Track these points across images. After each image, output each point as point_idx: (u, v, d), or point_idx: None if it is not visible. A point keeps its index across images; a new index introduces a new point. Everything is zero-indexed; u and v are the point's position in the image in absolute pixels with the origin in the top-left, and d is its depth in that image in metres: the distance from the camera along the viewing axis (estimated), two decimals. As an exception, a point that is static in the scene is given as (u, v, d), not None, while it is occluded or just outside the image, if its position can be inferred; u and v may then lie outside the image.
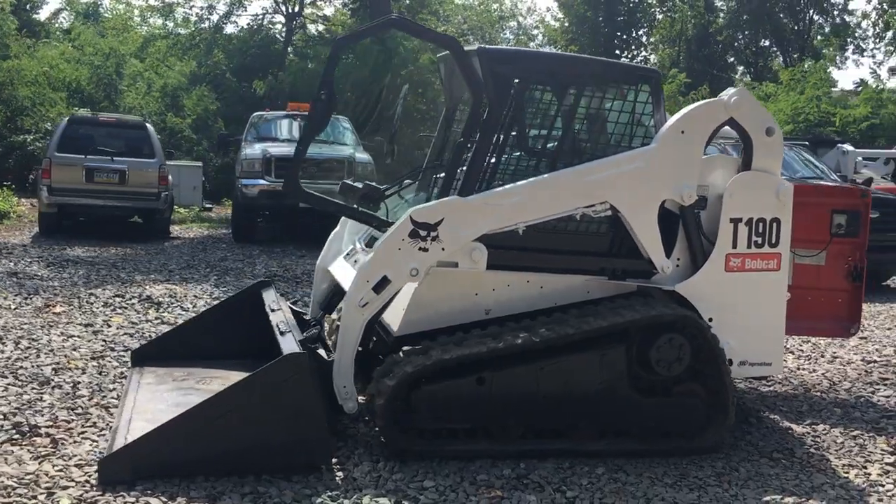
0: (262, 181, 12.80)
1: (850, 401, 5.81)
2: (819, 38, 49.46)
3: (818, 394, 5.96)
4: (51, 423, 4.60)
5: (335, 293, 5.50)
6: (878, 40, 43.46)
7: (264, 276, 9.82)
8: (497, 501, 3.96)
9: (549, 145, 4.91)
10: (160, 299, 8.06)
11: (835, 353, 7.11)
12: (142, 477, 3.86)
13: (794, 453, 4.76)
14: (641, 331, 4.57)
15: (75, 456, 4.19)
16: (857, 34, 49.30)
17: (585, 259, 4.83)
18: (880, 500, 4.19)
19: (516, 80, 4.70)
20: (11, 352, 5.92)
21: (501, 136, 4.68)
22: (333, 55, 4.73)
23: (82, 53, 26.48)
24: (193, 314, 7.29)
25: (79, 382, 5.35)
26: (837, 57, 48.89)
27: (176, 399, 4.94)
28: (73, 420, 4.69)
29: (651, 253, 4.78)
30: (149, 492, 3.78)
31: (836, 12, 49.31)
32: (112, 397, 5.12)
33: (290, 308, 5.53)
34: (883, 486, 4.36)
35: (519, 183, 4.61)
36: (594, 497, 4.04)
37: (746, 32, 48.41)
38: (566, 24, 39.00)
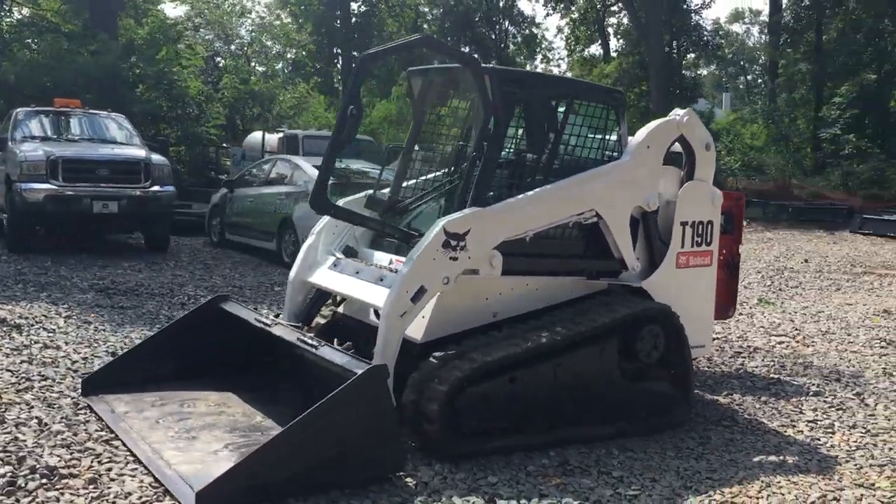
0: (47, 185, 11.65)
1: (740, 372, 6.87)
2: (512, 46, 53.98)
3: (712, 368, 6.96)
4: (66, 464, 4.17)
5: (315, 304, 5.48)
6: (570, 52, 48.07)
7: (100, 287, 9.17)
8: (562, 487, 4.33)
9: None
10: (16, 321, 7.24)
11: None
12: (238, 506, 3.73)
13: (737, 421, 5.63)
14: (629, 324, 5.16)
15: (131, 494, 3.90)
16: (543, 45, 54.53)
17: (570, 262, 5.33)
18: (828, 448, 5.15)
19: (521, 98, 5.06)
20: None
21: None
22: (360, 70, 4.75)
23: None
24: (68, 334, 6.77)
25: (39, 419, 4.82)
26: (528, 65, 53.64)
27: (179, 425, 4.74)
28: (82, 458, 4.29)
29: (625, 254, 5.39)
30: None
31: (525, 24, 54.07)
32: (96, 430, 4.70)
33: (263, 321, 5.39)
34: (818, 438, 5.35)
35: (528, 193, 4.99)
36: (633, 475, 4.55)
37: (450, 38, 51.52)
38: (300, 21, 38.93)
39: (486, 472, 4.44)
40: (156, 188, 12.13)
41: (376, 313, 5.05)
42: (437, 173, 5.63)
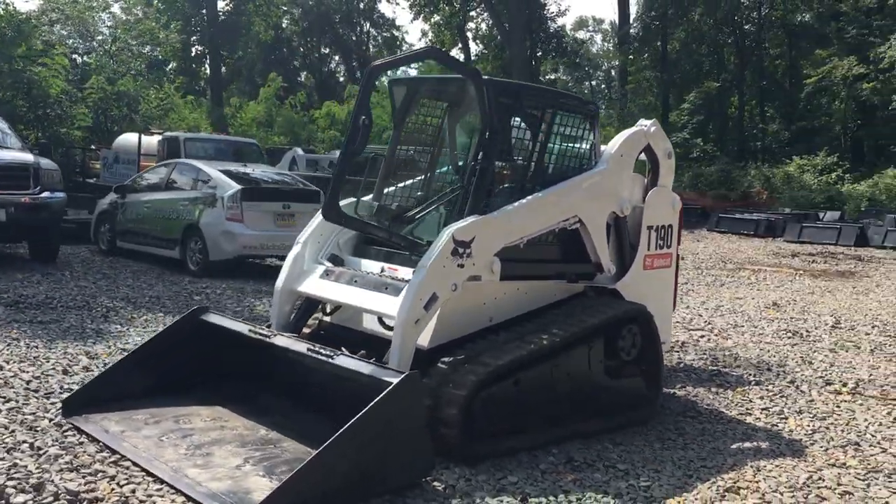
0: None
1: (681, 366, 7.31)
2: (373, 48, 54.13)
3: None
4: (86, 489, 3.99)
5: (304, 314, 5.44)
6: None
7: (7, 302, 8.64)
8: (578, 482, 4.53)
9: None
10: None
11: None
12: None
13: (700, 412, 6.02)
14: (612, 324, 5.43)
15: (172, 515, 3.79)
16: (404, 48, 54.86)
17: (554, 266, 5.56)
18: (788, 433, 5.60)
19: (513, 109, 5.23)
20: None
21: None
22: (369, 80, 4.76)
23: None
24: (2, 353, 6.40)
25: (30, 443, 4.57)
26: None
27: (185, 442, 4.64)
28: (97, 481, 4.11)
29: (602, 257, 5.66)
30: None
31: (386, 26, 54.37)
32: (96, 451, 4.50)
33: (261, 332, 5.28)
34: (776, 424, 5.81)
35: (523, 201, 5.16)
36: (636, 467, 4.81)
37: (310, 39, 51.11)
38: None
39: (503, 472, 4.57)
40: (46, 194, 11.48)
41: (380, 321, 5.09)
42: (417, 180, 5.72)
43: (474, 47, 49.16)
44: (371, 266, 5.36)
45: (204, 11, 35.10)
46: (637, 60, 46.43)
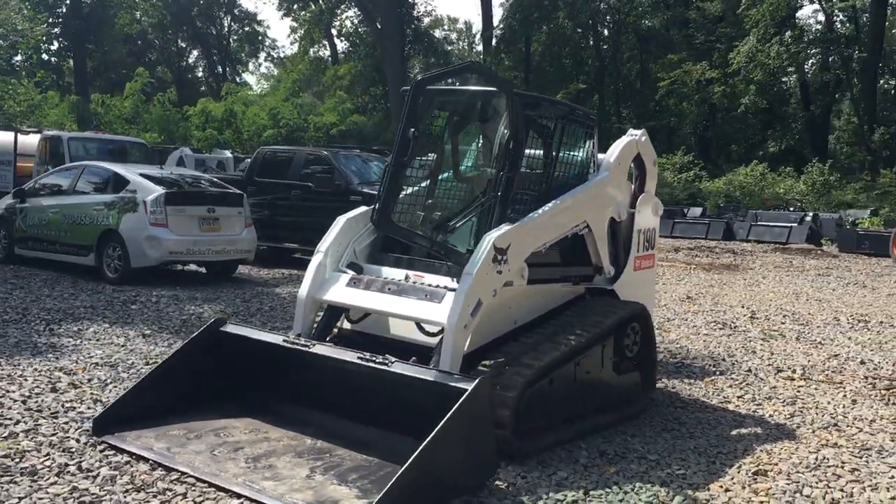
0: None
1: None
2: (234, 43, 52.82)
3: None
4: (168, 508, 3.93)
5: (329, 322, 5.45)
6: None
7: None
8: (619, 474, 4.82)
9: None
10: None
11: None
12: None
13: (686, 402, 6.44)
14: (622, 322, 5.76)
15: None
16: (266, 42, 53.90)
17: (564, 269, 5.83)
18: (771, 418, 6.11)
19: (533, 120, 5.44)
20: None
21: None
22: (415, 95, 4.82)
23: None
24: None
25: (76, 464, 4.41)
26: (251, 63, 52.81)
27: (240, 455, 4.62)
28: (172, 499, 4.04)
29: (603, 260, 5.99)
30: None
31: (247, 21, 53.14)
32: (149, 469, 4.40)
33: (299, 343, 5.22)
34: (756, 411, 6.31)
35: (546, 208, 5.39)
36: (665, 457, 5.15)
37: (170, 32, 49.25)
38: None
39: (551, 468, 4.79)
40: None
41: (419, 328, 5.19)
42: (420, 188, 5.83)
43: (340, 45, 48.99)
44: (393, 273, 5.43)
45: (68, 2, 33.20)
46: (500, 62, 47.62)
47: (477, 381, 4.28)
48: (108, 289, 10.66)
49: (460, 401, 4.14)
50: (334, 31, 48.26)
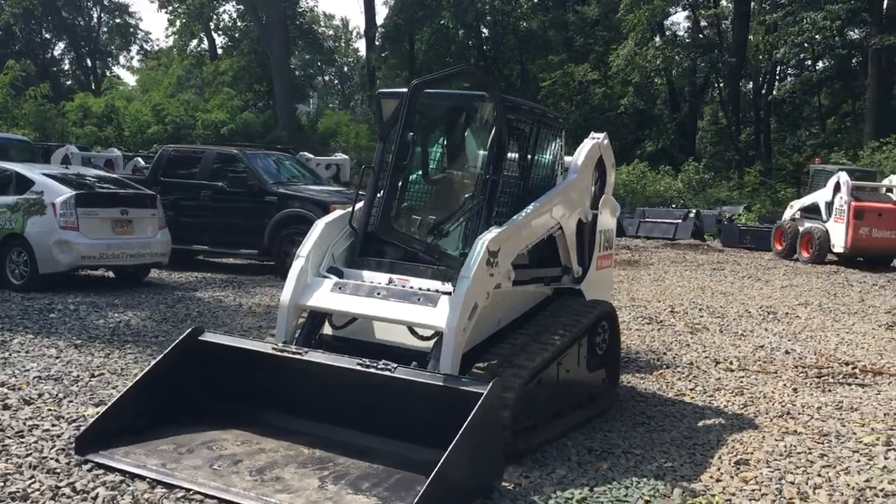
0: None
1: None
2: (104, 35, 50.51)
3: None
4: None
5: (313, 328, 5.34)
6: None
7: None
8: (610, 468, 4.95)
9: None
10: None
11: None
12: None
13: (644, 396, 6.67)
14: (595, 321, 5.91)
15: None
16: (139, 35, 51.83)
17: (538, 270, 5.93)
18: (725, 408, 6.41)
19: (515, 124, 5.50)
20: None
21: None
22: (412, 99, 4.75)
23: None
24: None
25: (70, 484, 4.17)
26: (122, 56, 50.63)
27: (241, 467, 4.49)
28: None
29: (572, 261, 6.12)
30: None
31: (117, 12, 50.94)
32: (151, 488, 4.20)
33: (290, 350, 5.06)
34: (710, 403, 6.60)
35: (528, 210, 5.47)
36: (647, 450, 5.31)
37: (34, 22, 46.59)
38: None
39: (547, 468, 4.86)
40: None
41: (412, 331, 5.16)
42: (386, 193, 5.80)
43: (219, 39, 47.67)
44: (376, 277, 5.37)
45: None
46: (381, 60, 47.55)
47: (491, 383, 4.31)
48: (17, 297, 10.05)
49: (479, 403, 4.16)
50: (212, 25, 46.95)
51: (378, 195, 5.69)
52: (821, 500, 4.56)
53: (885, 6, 32.23)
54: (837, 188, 18.05)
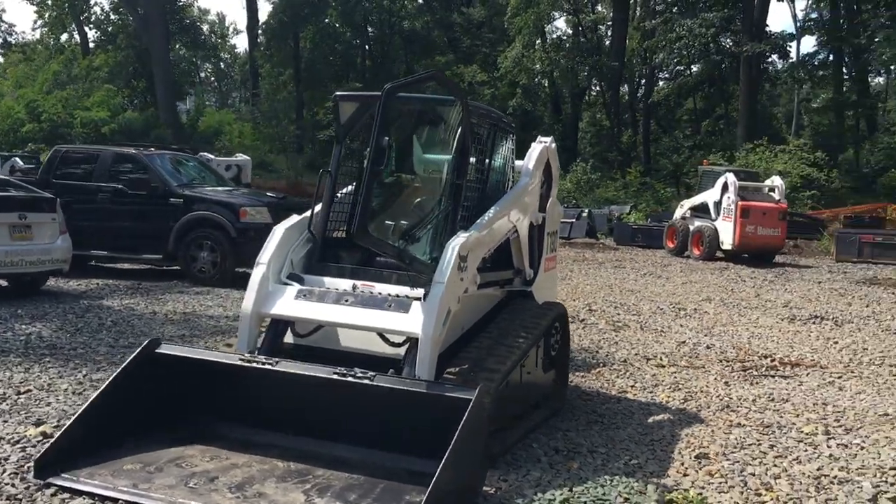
0: None
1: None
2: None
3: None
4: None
5: (277, 336, 5.18)
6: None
7: None
8: (580, 468, 5.03)
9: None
10: None
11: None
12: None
13: (589, 395, 6.80)
14: (551, 323, 5.99)
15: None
16: (2, 27, 48.99)
17: (495, 274, 5.94)
18: (668, 404, 6.62)
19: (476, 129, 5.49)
20: None
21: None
22: (385, 103, 4.64)
23: None
24: None
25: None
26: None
27: (217, 485, 4.30)
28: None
29: (525, 264, 6.18)
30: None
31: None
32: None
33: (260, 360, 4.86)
34: (654, 399, 6.79)
35: (490, 215, 5.47)
36: (610, 449, 5.42)
37: None
38: None
39: (521, 470, 4.88)
40: None
41: (382, 338, 5.07)
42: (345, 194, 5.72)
43: (91, 33, 45.58)
44: (338, 283, 5.25)
45: None
46: (266, 57, 46.67)
47: (478, 388, 4.30)
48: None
49: (469, 409, 4.14)
50: (83, 18, 44.88)
51: (335, 199, 5.61)
52: (784, 490, 4.77)
53: (755, 16, 34.07)
54: (725, 188, 18.93)
